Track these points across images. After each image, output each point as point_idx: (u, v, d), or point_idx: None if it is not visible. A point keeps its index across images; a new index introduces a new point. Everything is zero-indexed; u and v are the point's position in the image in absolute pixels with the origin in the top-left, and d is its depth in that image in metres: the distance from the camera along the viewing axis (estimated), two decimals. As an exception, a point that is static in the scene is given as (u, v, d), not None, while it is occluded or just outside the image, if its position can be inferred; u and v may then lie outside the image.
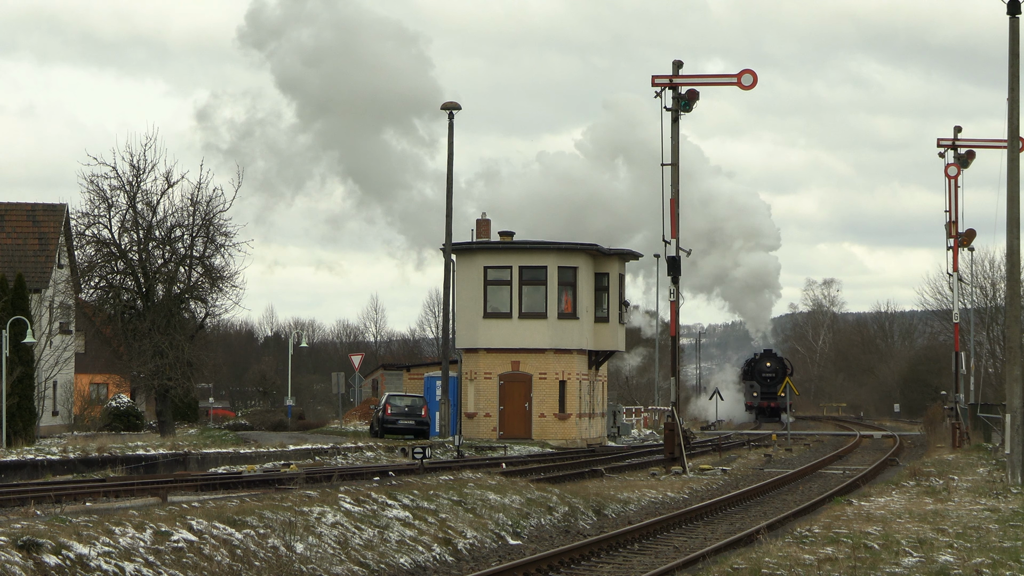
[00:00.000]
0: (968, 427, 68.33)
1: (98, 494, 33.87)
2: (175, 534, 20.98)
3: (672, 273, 52.02)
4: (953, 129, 69.65)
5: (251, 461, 48.31)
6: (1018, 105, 38.84)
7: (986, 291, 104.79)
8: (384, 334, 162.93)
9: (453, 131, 62.95)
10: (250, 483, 37.94)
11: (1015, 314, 39.36)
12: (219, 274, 64.27)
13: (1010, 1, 38.71)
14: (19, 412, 55.79)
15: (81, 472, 42.80)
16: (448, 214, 62.91)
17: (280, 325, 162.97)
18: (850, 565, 21.10)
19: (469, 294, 68.57)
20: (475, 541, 26.67)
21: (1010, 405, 38.77)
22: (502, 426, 68.17)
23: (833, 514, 29.36)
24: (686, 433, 53.20)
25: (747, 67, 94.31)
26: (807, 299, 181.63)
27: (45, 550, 18.57)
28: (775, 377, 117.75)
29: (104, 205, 63.18)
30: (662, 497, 38.17)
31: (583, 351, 70.05)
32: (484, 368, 68.43)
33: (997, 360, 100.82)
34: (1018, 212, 38.84)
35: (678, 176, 52.50)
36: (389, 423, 63.70)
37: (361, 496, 26.73)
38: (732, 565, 21.28)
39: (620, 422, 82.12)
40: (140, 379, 65.26)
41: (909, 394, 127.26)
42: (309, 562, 22.12)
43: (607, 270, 71.21)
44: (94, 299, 66.42)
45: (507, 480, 33.75)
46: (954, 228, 69.70)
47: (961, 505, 31.71)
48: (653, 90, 52.26)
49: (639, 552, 26.32)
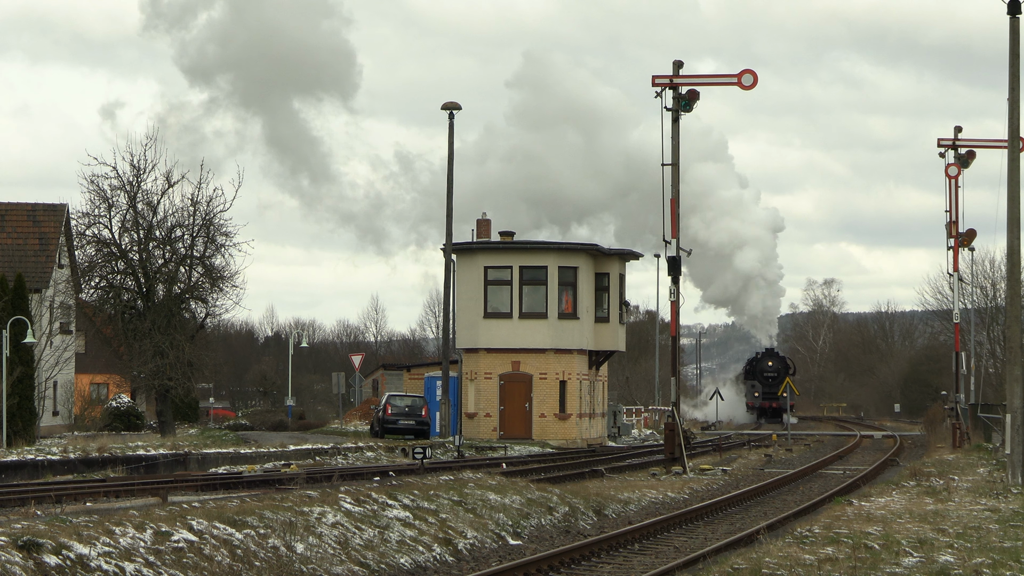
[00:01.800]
0: (968, 427, 68.30)
1: (98, 494, 33.88)
2: (175, 534, 20.98)
3: (672, 273, 51.99)
4: (953, 129, 69.64)
5: (251, 461, 48.32)
6: (1018, 105, 38.84)
7: (986, 291, 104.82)
8: (384, 334, 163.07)
9: (453, 131, 63.04)
10: (250, 483, 37.95)
11: (1015, 314, 39.36)
12: (219, 274, 64.32)
13: (1010, 1, 38.72)
14: (19, 412, 55.81)
15: (81, 472, 42.80)
16: (448, 214, 62.92)
17: (280, 325, 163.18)
18: (850, 565, 21.09)
19: (469, 294, 68.57)
20: (475, 541, 26.68)
21: (1010, 405, 38.77)
22: (502, 426, 68.17)
23: (833, 514, 29.35)
24: (686, 433, 53.19)
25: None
26: (807, 299, 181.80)
27: (45, 550, 18.57)
28: (777, 377, 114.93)
29: (104, 205, 63.25)
30: (662, 497, 38.17)
31: (583, 351, 70.06)
32: (484, 368, 68.43)
33: (997, 360, 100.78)
34: (1018, 212, 38.84)
35: (678, 176, 52.49)
36: (389, 423, 63.71)
37: (361, 496, 26.73)
38: (732, 565, 21.28)
39: (620, 422, 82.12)
40: (140, 379, 65.27)
41: (909, 394, 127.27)
42: (309, 562, 22.12)
43: (607, 270, 71.22)
44: (94, 299, 66.44)
45: (507, 480, 33.76)
46: (954, 228, 69.67)
47: (961, 505, 31.70)
48: (653, 90, 52.27)
49: (639, 552, 26.32)
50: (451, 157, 63.17)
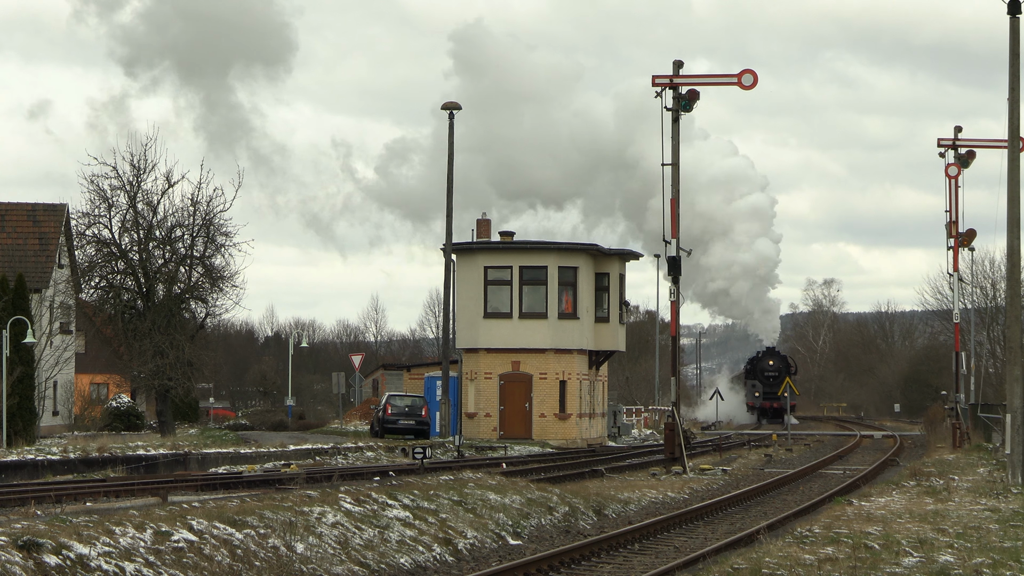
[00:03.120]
0: (968, 427, 68.28)
1: (98, 494, 33.87)
2: (175, 534, 20.98)
3: (672, 273, 51.99)
4: (953, 129, 69.64)
5: (251, 461, 48.31)
6: (1018, 105, 38.85)
7: (986, 291, 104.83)
8: (384, 334, 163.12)
9: (453, 131, 63.02)
10: (250, 483, 37.95)
11: (1015, 314, 39.36)
12: (219, 274, 64.33)
13: (1010, 1, 38.72)
14: (19, 412, 55.82)
15: (81, 472, 42.80)
16: (448, 214, 62.91)
17: (280, 325, 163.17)
18: (850, 565, 21.10)
19: (469, 294, 68.57)
20: (475, 541, 26.68)
21: (1010, 405, 38.77)
22: (502, 426, 68.17)
23: (833, 514, 29.36)
24: (686, 433, 53.20)
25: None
26: (807, 299, 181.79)
27: (45, 550, 18.57)
28: (778, 376, 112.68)
29: (104, 205, 63.27)
30: (662, 497, 38.16)
31: (583, 351, 70.06)
32: (484, 368, 68.43)
33: (997, 360, 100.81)
34: (1018, 212, 38.85)
35: (678, 176, 52.49)
36: (389, 423, 63.72)
37: (361, 496, 26.73)
38: (732, 565, 21.28)
39: (620, 422, 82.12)
40: (140, 379, 65.28)
41: (909, 394, 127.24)
42: (309, 562, 22.12)
43: (607, 270, 71.22)
44: (94, 299, 66.46)
45: (507, 480, 33.76)
46: (954, 228, 69.64)
47: (961, 505, 31.71)
48: (653, 90, 52.28)
49: (639, 552, 26.32)
50: (451, 157, 63.16)
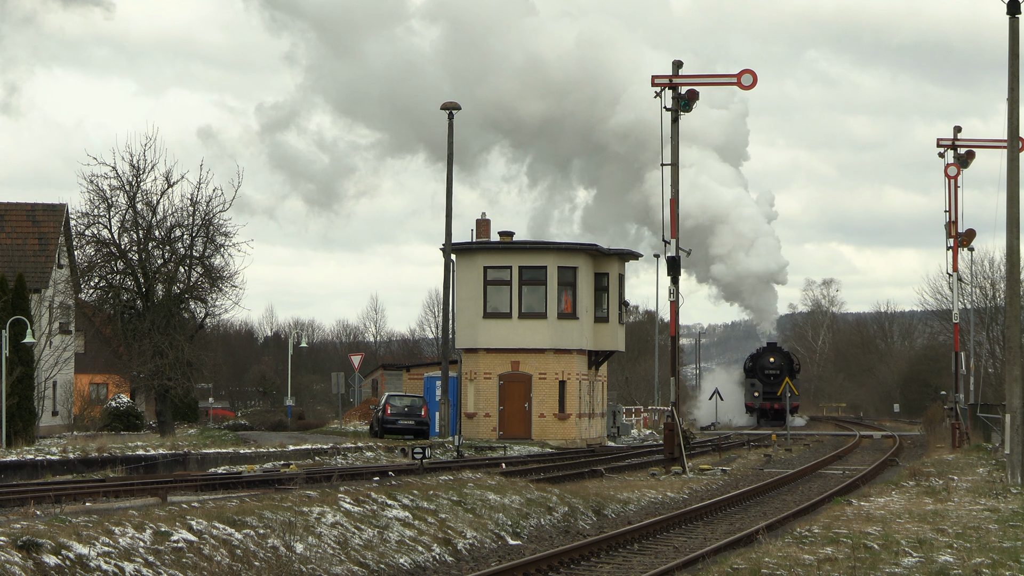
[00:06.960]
0: (968, 427, 68.31)
1: (98, 494, 33.86)
2: (175, 534, 20.98)
3: (672, 273, 51.98)
4: (953, 129, 69.61)
5: (251, 461, 48.30)
6: (1018, 105, 38.85)
7: (986, 291, 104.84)
8: (384, 334, 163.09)
9: (452, 131, 63.00)
10: (250, 483, 37.94)
11: (1015, 314, 39.37)
12: (219, 274, 64.35)
13: (1010, 1, 38.72)
14: (19, 412, 55.79)
15: (81, 472, 42.79)
16: (448, 214, 62.91)
17: (280, 325, 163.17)
18: (850, 565, 21.10)
19: (469, 294, 68.58)
20: (475, 541, 26.67)
21: (1010, 405, 38.77)
22: (502, 426, 68.17)
23: (833, 514, 29.36)
24: (686, 433, 53.20)
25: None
26: (806, 299, 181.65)
27: (45, 550, 18.57)
28: (779, 374, 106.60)
29: (104, 205, 63.29)
30: (662, 497, 38.16)
31: (583, 351, 70.06)
32: (484, 368, 68.43)
33: (997, 360, 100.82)
34: (1018, 212, 38.85)
35: (678, 176, 52.48)
36: (389, 423, 63.71)
37: (361, 496, 26.73)
38: (732, 565, 21.28)
39: (620, 422, 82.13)
40: (140, 379, 65.28)
41: (909, 394, 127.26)
42: (309, 562, 22.12)
43: (607, 270, 71.23)
44: (94, 299, 66.47)
45: (507, 480, 33.76)
46: (954, 228, 69.61)
47: (961, 505, 31.71)
48: (653, 90, 52.25)
49: (639, 552, 26.32)
50: (451, 157, 63.17)
